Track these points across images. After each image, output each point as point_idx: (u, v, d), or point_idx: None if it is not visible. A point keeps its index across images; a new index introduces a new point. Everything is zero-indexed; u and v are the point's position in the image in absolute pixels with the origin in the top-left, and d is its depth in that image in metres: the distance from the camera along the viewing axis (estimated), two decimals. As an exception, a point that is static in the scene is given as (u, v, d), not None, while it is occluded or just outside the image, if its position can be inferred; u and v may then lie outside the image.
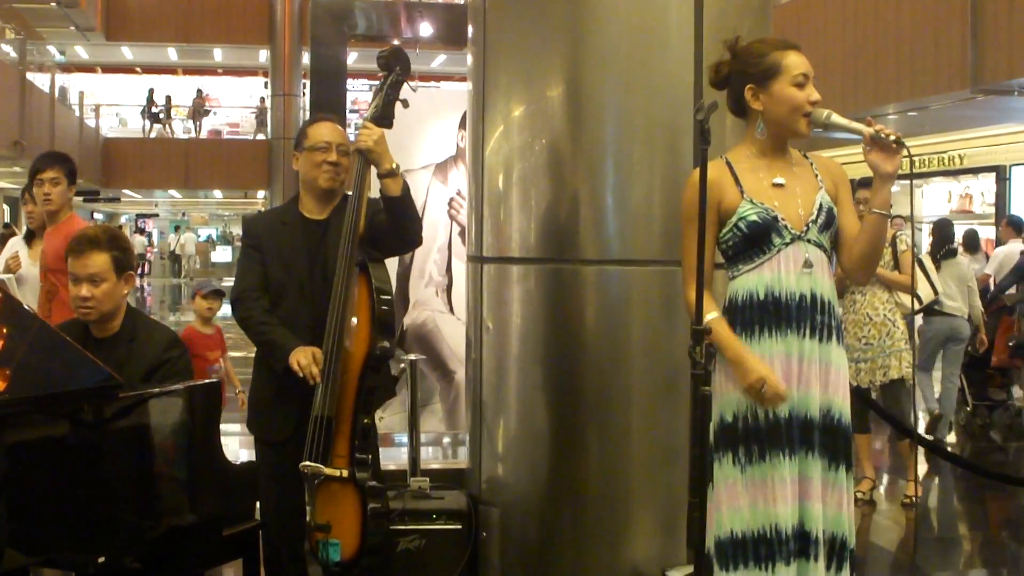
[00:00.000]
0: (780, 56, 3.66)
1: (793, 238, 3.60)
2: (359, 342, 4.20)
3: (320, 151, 4.47)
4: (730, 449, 3.58)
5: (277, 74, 26.12)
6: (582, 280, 4.91)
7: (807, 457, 3.56)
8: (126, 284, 4.24)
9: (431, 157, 7.13)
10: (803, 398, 3.56)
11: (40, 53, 29.26)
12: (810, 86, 3.64)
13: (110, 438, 3.67)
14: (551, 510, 4.98)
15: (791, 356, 3.57)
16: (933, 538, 7.58)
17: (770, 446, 3.54)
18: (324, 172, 4.46)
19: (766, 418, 3.55)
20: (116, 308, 4.22)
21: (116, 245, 4.21)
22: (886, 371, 7.38)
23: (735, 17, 4.88)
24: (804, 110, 3.61)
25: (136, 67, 39.50)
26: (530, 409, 5.08)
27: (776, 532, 3.52)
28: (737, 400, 3.58)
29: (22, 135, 23.22)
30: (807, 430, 3.56)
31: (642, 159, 4.87)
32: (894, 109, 15.53)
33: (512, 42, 5.16)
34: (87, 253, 4.13)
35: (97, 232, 4.28)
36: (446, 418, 7.00)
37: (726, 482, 3.58)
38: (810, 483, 3.55)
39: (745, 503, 3.56)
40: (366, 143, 4.26)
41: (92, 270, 4.10)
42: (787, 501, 3.51)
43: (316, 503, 4.23)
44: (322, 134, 4.52)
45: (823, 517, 3.55)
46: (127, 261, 4.25)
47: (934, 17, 13.51)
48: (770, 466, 3.54)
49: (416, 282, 7.11)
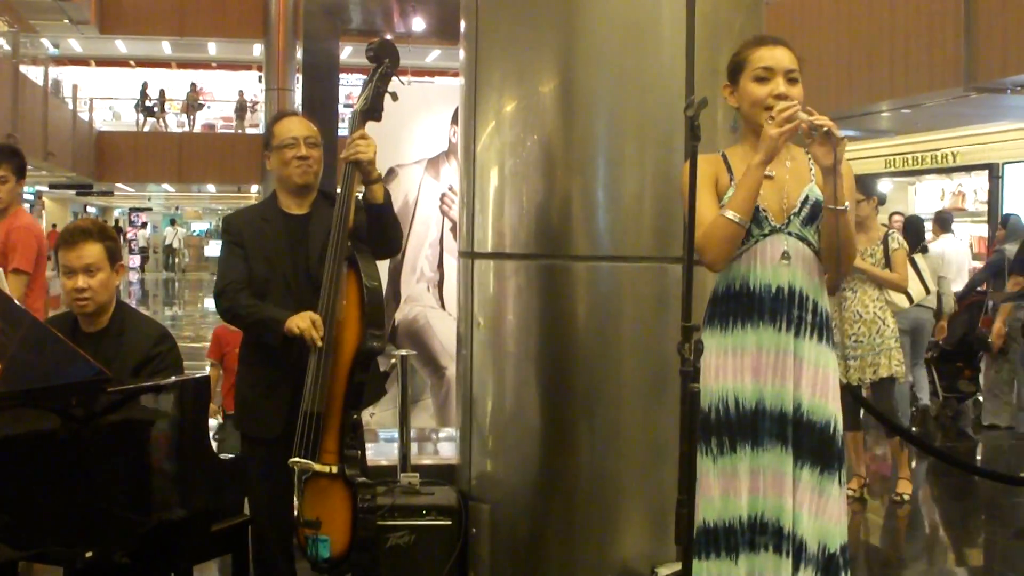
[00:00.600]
0: (749, 51, 3.65)
1: (772, 230, 3.57)
2: (348, 338, 4.19)
3: (288, 147, 4.44)
4: (702, 439, 3.56)
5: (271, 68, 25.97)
6: (573, 276, 4.91)
7: (782, 452, 3.53)
8: (117, 275, 4.25)
9: (423, 152, 7.13)
10: (777, 392, 3.54)
11: (34, 46, 29.21)
12: (777, 80, 3.58)
13: (100, 432, 3.67)
14: (541, 506, 4.98)
15: (764, 349, 3.55)
16: (924, 535, 7.59)
17: (740, 438, 3.54)
18: (296, 168, 4.44)
19: (738, 409, 3.54)
20: (110, 299, 4.23)
21: (107, 235, 4.24)
22: (876, 369, 7.37)
23: (727, 12, 4.88)
24: (764, 104, 3.56)
25: (130, 60, 39.48)
26: (520, 405, 5.07)
27: (740, 523, 3.52)
28: (711, 391, 3.57)
29: (15, 128, 23.21)
30: (782, 425, 3.53)
31: (634, 155, 4.85)
32: (888, 106, 15.54)
33: (504, 37, 5.16)
34: (80, 243, 4.13)
35: (87, 223, 4.29)
36: (437, 414, 7.00)
37: (699, 472, 3.54)
38: (784, 479, 3.52)
39: (716, 493, 3.55)
40: (366, 155, 4.23)
41: (87, 260, 4.11)
42: (753, 492, 3.51)
43: (305, 499, 4.22)
44: (288, 130, 4.49)
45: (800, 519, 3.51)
46: (118, 251, 4.28)
47: (928, 14, 13.52)
48: (738, 458, 3.54)
49: (408, 278, 7.10)
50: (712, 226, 3.51)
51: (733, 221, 3.47)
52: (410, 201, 7.00)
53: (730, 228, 3.48)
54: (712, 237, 3.51)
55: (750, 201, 3.46)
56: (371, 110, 4.32)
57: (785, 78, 3.59)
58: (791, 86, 3.59)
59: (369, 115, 4.31)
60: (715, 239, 3.51)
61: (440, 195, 7.03)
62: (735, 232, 3.49)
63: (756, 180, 3.45)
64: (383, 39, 4.54)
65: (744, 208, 3.46)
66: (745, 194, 3.46)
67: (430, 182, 7.05)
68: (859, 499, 7.78)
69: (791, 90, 3.58)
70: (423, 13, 7.18)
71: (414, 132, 7.09)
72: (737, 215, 3.46)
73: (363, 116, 4.29)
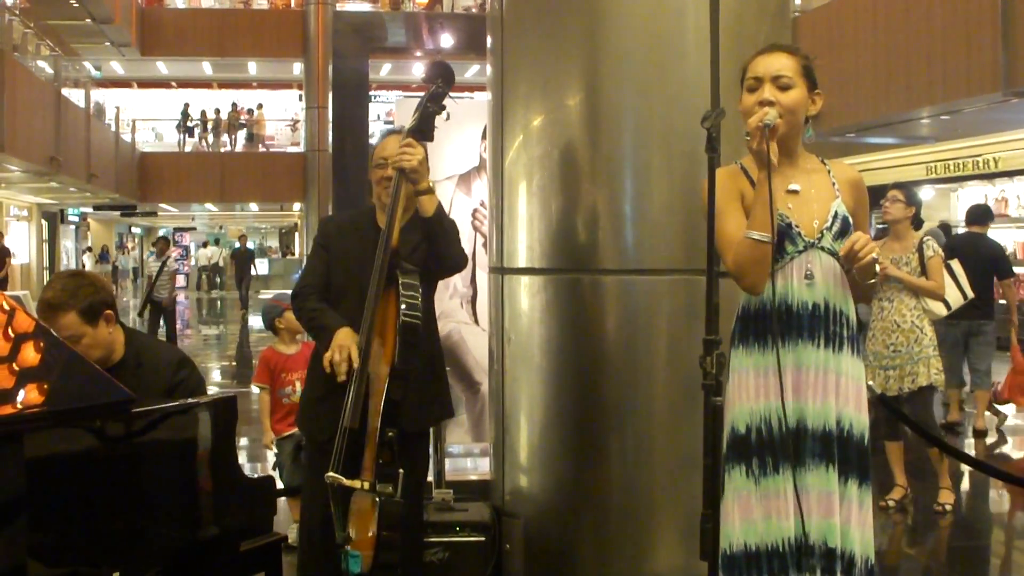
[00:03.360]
0: (748, 62, 3.65)
1: (806, 246, 3.55)
2: (385, 354, 4.19)
3: (379, 167, 4.54)
4: (743, 461, 3.53)
5: (311, 87, 26.17)
6: (602, 290, 4.90)
7: (827, 471, 3.49)
8: (107, 323, 4.16)
9: (454, 168, 7.12)
10: (819, 410, 3.50)
11: (76, 69, 29.49)
12: (765, 87, 3.55)
13: (129, 453, 3.69)
14: (573, 521, 4.97)
15: (804, 367, 3.50)
16: (965, 546, 7.51)
17: (783, 458, 3.48)
18: (383, 187, 4.50)
19: (780, 430, 3.48)
20: (107, 349, 4.19)
21: (79, 297, 4.09)
22: (914, 378, 7.30)
23: (752, 23, 4.86)
24: (750, 112, 3.53)
25: (171, 81, 39.79)
26: (551, 420, 5.07)
27: (788, 546, 3.47)
28: (750, 411, 3.54)
29: (58, 151, 23.43)
30: (826, 443, 3.49)
31: (660, 167, 4.85)
32: (927, 113, 15.46)
33: (530, 51, 5.17)
34: (52, 319, 4.05)
35: (56, 292, 4.12)
36: (472, 429, 6.98)
37: (738, 494, 3.53)
38: (831, 497, 3.48)
39: (759, 516, 3.50)
40: (410, 163, 4.24)
41: (64, 333, 4.00)
42: (798, 514, 3.45)
43: (343, 513, 4.22)
44: (382, 150, 4.57)
45: (833, 530, 3.47)
46: (98, 303, 4.14)
47: (965, 21, 13.43)
48: (783, 479, 3.48)
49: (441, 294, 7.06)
50: (740, 251, 3.48)
51: (759, 241, 3.43)
52: (442, 217, 7.01)
53: (758, 249, 3.44)
54: (744, 262, 3.48)
55: (767, 216, 3.41)
56: (419, 129, 4.34)
57: (774, 84, 3.55)
58: (781, 92, 3.55)
59: (417, 134, 4.33)
60: (747, 263, 3.48)
61: (472, 211, 7.02)
62: (764, 252, 3.44)
63: (765, 195, 3.39)
64: (437, 60, 4.59)
65: (765, 225, 3.41)
66: (762, 211, 3.41)
67: (462, 198, 7.04)
68: (901, 509, 7.72)
69: (781, 96, 3.54)
70: (452, 30, 7.19)
71: (445, 148, 7.08)
72: (760, 233, 3.43)
73: (411, 133, 4.32)
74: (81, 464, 3.60)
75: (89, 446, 3.62)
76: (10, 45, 21.52)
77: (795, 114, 3.57)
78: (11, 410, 3.45)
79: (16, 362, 3.63)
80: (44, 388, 3.64)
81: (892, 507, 7.66)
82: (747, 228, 3.46)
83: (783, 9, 5.17)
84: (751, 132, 3.42)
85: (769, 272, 3.48)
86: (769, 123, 3.38)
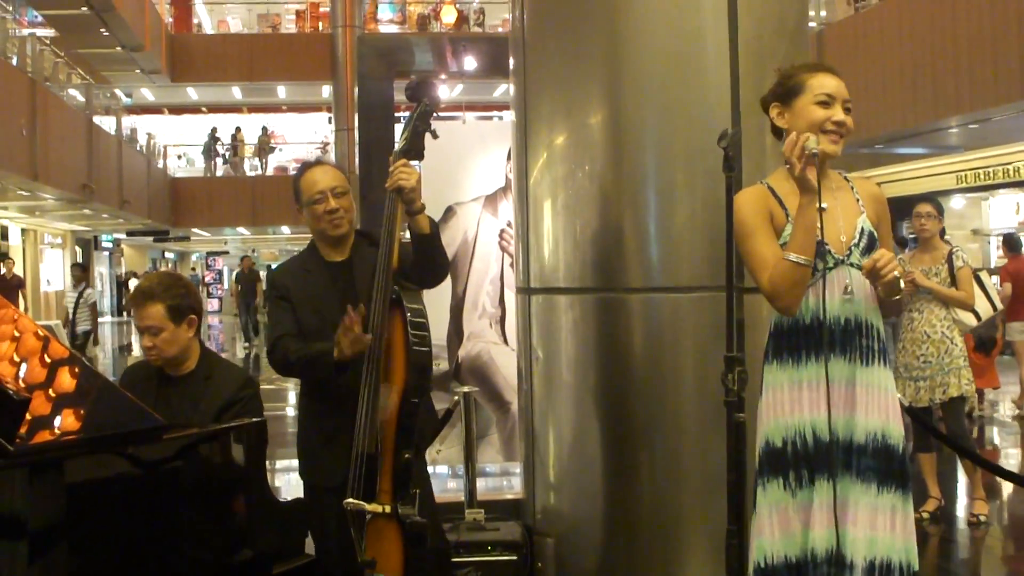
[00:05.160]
0: (808, 76, 3.68)
1: (836, 263, 3.60)
2: (396, 377, 4.17)
3: (317, 203, 4.45)
4: (780, 474, 3.57)
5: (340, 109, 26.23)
6: (628, 308, 4.92)
7: (853, 482, 3.52)
8: (189, 328, 4.33)
9: (481, 189, 7.17)
10: (849, 422, 3.53)
11: (107, 97, 29.75)
12: (837, 107, 3.62)
13: (160, 478, 3.73)
14: (604, 539, 4.98)
15: (838, 381, 3.54)
16: (1001, 557, 7.48)
17: (818, 471, 3.52)
18: (327, 222, 4.45)
19: (815, 442, 3.52)
20: (183, 351, 4.33)
21: (171, 294, 4.30)
22: (945, 389, 7.28)
23: (771, 41, 4.88)
24: (825, 128, 3.59)
25: (202, 107, 40.03)
26: (581, 438, 5.09)
27: (813, 556, 3.50)
28: (787, 425, 3.57)
29: (90, 178, 23.62)
30: (854, 455, 3.53)
31: (683, 185, 4.86)
32: (955, 122, 15.42)
33: (552, 72, 5.20)
34: (142, 306, 4.28)
35: (152, 283, 4.37)
36: (503, 449, 7.01)
37: (776, 508, 3.56)
38: (854, 508, 3.50)
39: (797, 528, 3.54)
40: (408, 183, 4.16)
41: (148, 322, 4.24)
42: (824, 525, 3.48)
43: (364, 539, 4.23)
44: (313, 183, 4.48)
45: (873, 542, 3.50)
46: (186, 306, 4.32)
47: (990, 29, 13.41)
48: (816, 490, 3.52)
49: (470, 314, 7.14)
50: (777, 272, 3.53)
51: (799, 264, 3.48)
52: (469, 238, 7.05)
53: (797, 271, 3.48)
54: (781, 284, 3.52)
55: (811, 240, 3.47)
56: (410, 149, 4.27)
57: (843, 106, 3.64)
58: (846, 114, 3.65)
59: (409, 154, 4.26)
60: (785, 285, 3.52)
61: (499, 231, 7.07)
62: (803, 274, 3.50)
63: (812, 219, 3.45)
64: (420, 78, 4.55)
65: (808, 248, 3.47)
66: (804, 234, 3.47)
67: (488, 219, 7.09)
68: (935, 521, 7.70)
69: (847, 118, 3.64)
70: (475, 52, 7.23)
71: (471, 169, 7.14)
72: (802, 257, 3.47)
73: (402, 154, 4.23)
74: (114, 490, 3.64)
75: (122, 472, 3.67)
76: (42, 75, 21.74)
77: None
78: (49, 436, 3.52)
79: (52, 388, 3.69)
80: (80, 414, 3.70)
81: (927, 519, 7.64)
82: (787, 250, 3.50)
83: (801, 27, 5.19)
84: (795, 158, 3.46)
85: (802, 296, 3.54)
86: (816, 151, 3.43)
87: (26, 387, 3.64)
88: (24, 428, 3.35)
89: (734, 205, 3.56)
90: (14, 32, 22.33)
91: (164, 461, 3.74)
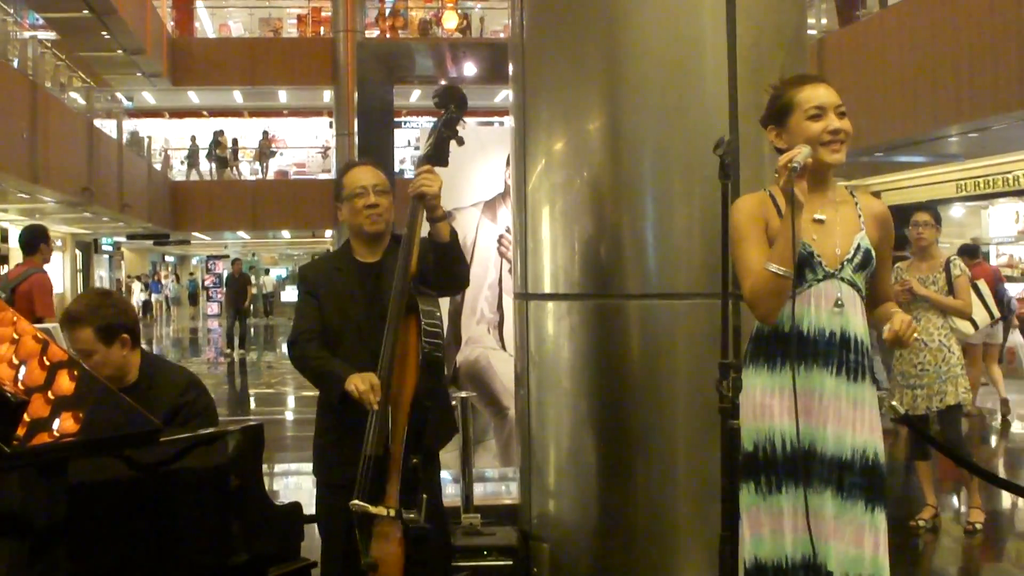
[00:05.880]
0: (794, 92, 3.69)
1: (826, 275, 3.62)
2: (407, 381, 4.18)
3: (359, 197, 4.48)
4: (752, 478, 3.61)
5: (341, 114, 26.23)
6: (625, 315, 4.94)
7: (836, 497, 3.54)
8: (122, 347, 4.25)
9: (480, 195, 7.18)
10: (821, 434, 3.56)
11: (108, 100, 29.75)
12: (830, 116, 3.63)
13: (159, 480, 3.74)
14: (600, 544, 4.99)
15: (813, 392, 3.56)
16: (997, 566, 7.49)
17: (786, 478, 3.56)
18: (366, 217, 4.48)
19: (784, 450, 3.56)
20: (118, 370, 4.25)
21: (99, 315, 4.21)
22: (942, 397, 7.29)
23: (769, 50, 4.89)
24: (822, 140, 3.60)
25: (203, 111, 40.05)
26: (577, 444, 5.11)
27: (787, 561, 3.53)
28: (756, 430, 3.61)
29: (91, 181, 23.62)
30: (842, 471, 3.55)
31: (681, 192, 4.88)
32: (955, 131, 15.42)
33: (551, 78, 5.22)
34: (70, 330, 4.19)
35: (79, 306, 4.27)
36: (500, 454, 7.01)
37: (749, 510, 3.61)
38: (827, 522, 3.52)
39: (767, 531, 3.58)
40: (431, 189, 4.18)
41: (78, 346, 4.16)
42: (795, 532, 3.52)
43: (367, 541, 4.23)
44: (358, 179, 4.52)
45: (858, 560, 3.51)
46: (117, 326, 4.23)
47: (991, 38, 13.41)
48: (784, 497, 3.56)
49: (468, 320, 7.14)
50: (757, 281, 3.56)
51: (777, 274, 3.50)
52: (468, 244, 7.05)
53: (775, 281, 3.51)
54: (760, 292, 3.56)
55: (789, 252, 3.48)
56: (435, 155, 4.30)
57: (835, 113, 3.65)
58: (841, 120, 3.65)
59: (433, 160, 4.28)
60: (763, 294, 3.55)
61: (498, 237, 7.07)
62: (780, 285, 3.51)
63: (789, 232, 3.46)
64: (448, 85, 4.56)
65: (786, 259, 3.48)
66: (784, 246, 3.49)
67: (487, 224, 7.10)
68: (931, 529, 7.70)
69: (843, 123, 3.65)
70: (475, 58, 7.25)
71: (470, 175, 7.14)
72: (781, 268, 3.49)
73: (426, 160, 4.27)
74: (111, 492, 3.66)
75: (119, 474, 3.68)
76: (43, 78, 21.74)
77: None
78: (47, 438, 3.53)
79: (51, 391, 3.70)
80: (79, 417, 3.71)
81: (923, 526, 7.64)
82: (768, 260, 3.52)
83: (800, 35, 5.22)
84: (778, 171, 3.48)
85: (783, 304, 3.55)
86: (797, 165, 3.44)
87: (25, 389, 3.64)
88: (23, 430, 3.35)
89: (731, 210, 3.58)
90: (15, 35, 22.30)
91: (160, 463, 3.75)
